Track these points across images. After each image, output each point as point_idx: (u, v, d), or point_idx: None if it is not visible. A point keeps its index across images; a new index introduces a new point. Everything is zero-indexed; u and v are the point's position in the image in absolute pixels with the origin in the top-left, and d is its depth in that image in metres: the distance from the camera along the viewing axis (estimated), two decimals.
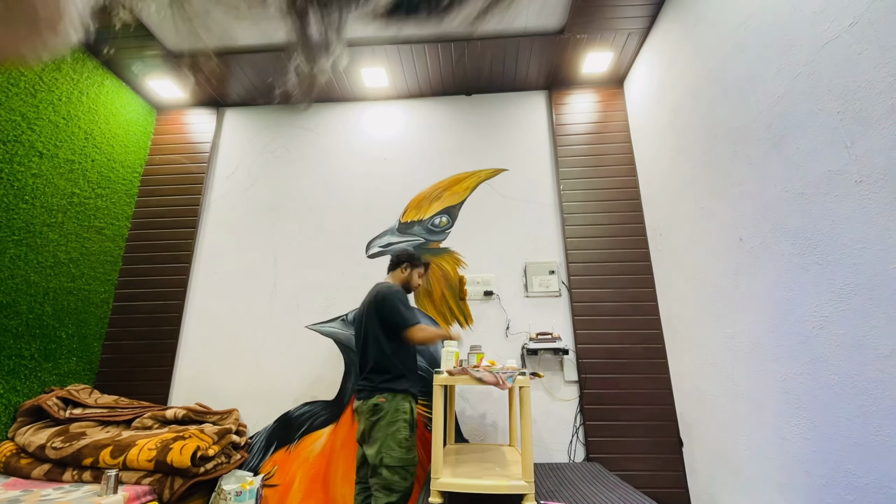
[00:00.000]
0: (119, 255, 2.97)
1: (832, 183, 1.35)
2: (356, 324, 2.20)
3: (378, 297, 2.09)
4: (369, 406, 1.92)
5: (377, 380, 1.96)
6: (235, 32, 2.71)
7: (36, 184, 2.40)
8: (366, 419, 1.92)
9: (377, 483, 1.83)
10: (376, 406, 1.91)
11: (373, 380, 1.97)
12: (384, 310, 2.04)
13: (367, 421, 1.92)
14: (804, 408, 1.49)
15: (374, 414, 1.90)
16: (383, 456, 1.84)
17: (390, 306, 2.03)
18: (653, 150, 2.65)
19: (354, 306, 2.69)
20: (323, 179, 3.14)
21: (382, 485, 1.82)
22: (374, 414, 1.90)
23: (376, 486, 1.83)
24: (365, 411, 1.93)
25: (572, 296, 2.70)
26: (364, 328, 2.09)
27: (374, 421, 1.90)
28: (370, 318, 2.07)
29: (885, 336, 1.20)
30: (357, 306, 2.39)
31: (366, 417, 1.92)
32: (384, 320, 2.03)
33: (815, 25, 1.40)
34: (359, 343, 2.13)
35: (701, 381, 2.17)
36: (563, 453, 2.48)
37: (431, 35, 2.74)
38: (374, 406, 1.91)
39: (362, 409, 1.96)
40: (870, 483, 1.26)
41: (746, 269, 1.79)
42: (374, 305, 2.07)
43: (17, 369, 2.27)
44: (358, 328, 2.17)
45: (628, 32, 2.66)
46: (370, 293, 2.16)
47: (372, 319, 2.06)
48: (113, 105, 2.95)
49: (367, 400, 1.94)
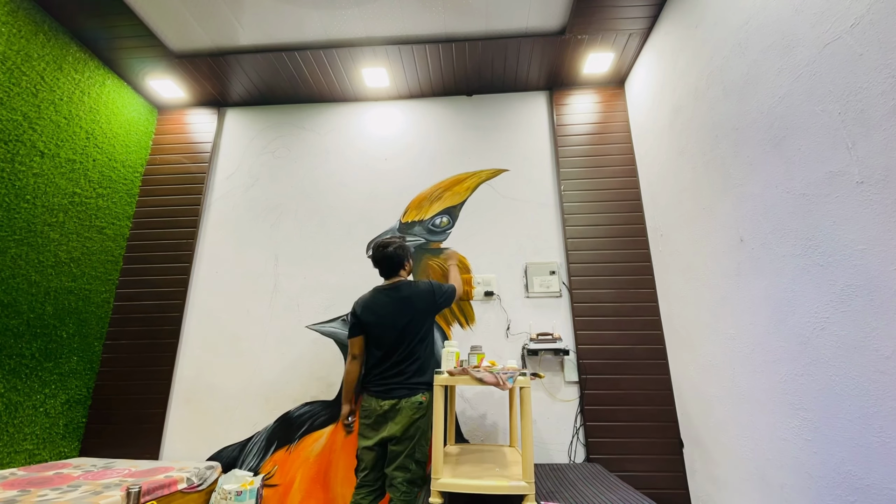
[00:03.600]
0: (120, 254, 2.98)
1: (833, 184, 1.35)
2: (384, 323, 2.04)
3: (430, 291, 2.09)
4: (413, 403, 1.92)
5: (416, 377, 1.98)
6: (237, 32, 2.71)
7: (37, 183, 2.41)
8: (407, 416, 1.90)
9: (405, 477, 1.85)
10: (421, 404, 1.93)
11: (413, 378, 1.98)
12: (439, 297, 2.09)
13: (407, 418, 1.90)
14: (805, 409, 1.49)
15: (418, 411, 1.92)
16: (416, 451, 1.88)
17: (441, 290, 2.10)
18: (654, 151, 2.65)
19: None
20: (324, 180, 3.14)
21: (410, 479, 1.85)
22: (417, 411, 1.92)
23: (403, 479, 1.84)
24: (408, 408, 1.92)
25: (573, 296, 2.70)
26: (405, 327, 2.01)
27: (416, 418, 1.91)
28: (417, 315, 2.04)
29: (886, 337, 1.20)
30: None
31: (408, 415, 1.91)
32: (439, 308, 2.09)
33: (817, 26, 1.40)
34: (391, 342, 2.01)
35: (701, 382, 2.16)
36: (563, 454, 2.48)
37: (433, 35, 2.74)
38: (419, 403, 1.93)
39: (403, 406, 1.92)
40: (871, 484, 1.25)
41: (747, 270, 1.79)
42: (426, 300, 2.06)
43: (17, 368, 2.27)
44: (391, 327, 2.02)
45: (629, 33, 2.66)
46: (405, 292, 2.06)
47: (419, 316, 2.04)
48: (114, 105, 2.95)
49: (409, 398, 1.93)
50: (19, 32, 2.34)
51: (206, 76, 3.03)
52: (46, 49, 2.48)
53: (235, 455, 2.60)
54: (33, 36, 2.41)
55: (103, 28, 2.62)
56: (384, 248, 2.14)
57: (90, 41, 2.72)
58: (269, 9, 2.56)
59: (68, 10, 2.49)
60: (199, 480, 2.30)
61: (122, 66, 2.92)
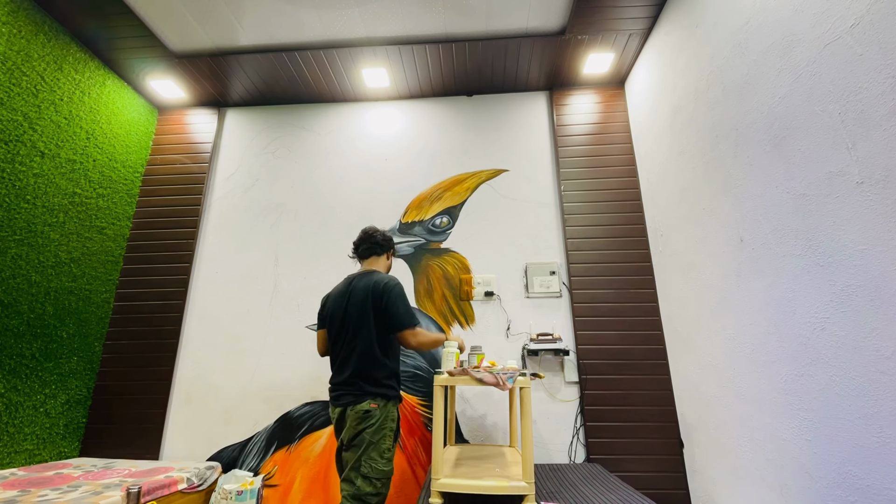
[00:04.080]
0: (120, 254, 2.98)
1: (833, 184, 1.35)
2: (334, 317, 1.88)
3: (378, 287, 1.83)
4: (358, 412, 1.71)
5: (365, 383, 1.76)
6: (238, 32, 2.71)
7: (37, 183, 2.41)
8: (352, 426, 1.72)
9: (349, 491, 1.67)
10: (367, 413, 1.71)
11: (359, 383, 1.76)
12: (385, 304, 1.80)
13: (352, 428, 1.72)
14: (805, 409, 1.49)
15: (363, 421, 1.71)
16: (361, 464, 1.67)
17: (393, 301, 1.81)
18: (654, 151, 2.65)
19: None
20: (324, 180, 3.14)
21: (354, 494, 1.65)
22: (362, 421, 1.71)
23: (347, 494, 1.67)
24: (352, 417, 1.72)
25: (573, 296, 2.70)
26: (350, 322, 1.82)
27: (360, 428, 1.71)
28: (363, 312, 1.81)
29: (886, 338, 1.20)
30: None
31: (352, 424, 1.72)
32: (381, 315, 1.81)
33: (817, 26, 1.40)
34: (341, 338, 1.85)
35: (702, 383, 2.16)
36: (563, 454, 2.48)
37: (433, 35, 2.74)
38: (365, 413, 1.71)
39: (348, 415, 1.74)
40: (871, 485, 1.25)
41: (747, 270, 1.79)
42: (371, 297, 1.81)
43: (17, 368, 2.28)
44: (339, 322, 1.86)
45: (629, 33, 2.66)
46: (361, 282, 1.88)
47: (366, 313, 1.80)
48: (114, 105, 2.95)
49: (354, 406, 1.73)
50: (20, 33, 2.34)
51: (207, 76, 3.03)
52: (47, 49, 2.49)
53: (235, 455, 2.60)
54: (34, 36, 2.42)
55: (103, 28, 2.62)
56: (371, 230, 2.04)
57: (90, 41, 2.72)
58: (269, 9, 2.56)
59: (69, 10, 2.49)
60: (199, 480, 2.30)
61: (123, 66, 2.92)
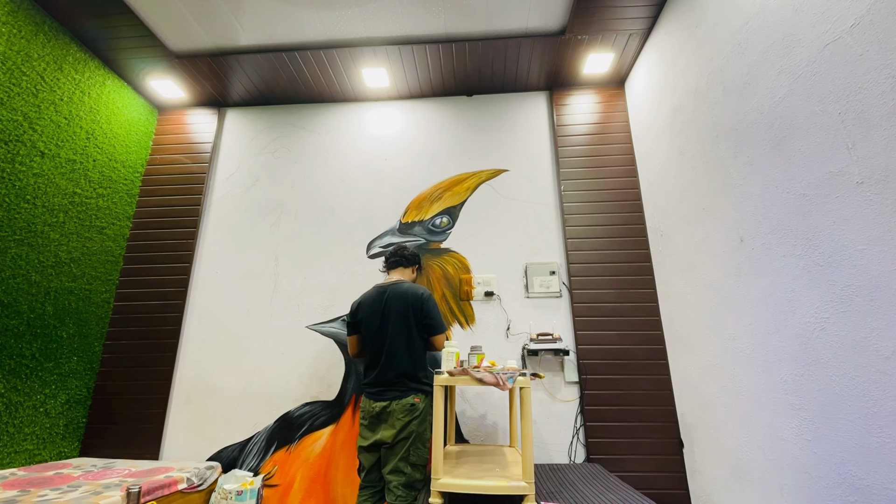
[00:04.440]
0: (120, 254, 2.98)
1: (833, 184, 1.35)
2: (370, 322, 2.06)
3: (421, 298, 2.05)
4: (405, 405, 1.91)
5: (409, 381, 1.96)
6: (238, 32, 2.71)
7: (37, 183, 2.41)
8: (399, 419, 1.90)
9: (400, 480, 1.84)
10: (413, 406, 1.92)
11: (404, 381, 1.96)
12: (426, 311, 2.03)
13: (398, 420, 1.90)
14: (805, 409, 1.49)
15: (410, 413, 1.90)
16: (410, 454, 1.87)
17: (433, 308, 2.05)
18: (654, 151, 2.65)
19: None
20: (324, 180, 3.14)
21: (405, 482, 1.83)
22: (409, 413, 1.90)
23: (398, 483, 1.83)
24: (399, 409, 1.91)
25: (573, 296, 2.70)
26: (390, 327, 2.01)
27: (407, 420, 1.89)
28: (404, 318, 2.01)
29: (886, 338, 1.20)
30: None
31: (399, 417, 1.90)
32: (422, 321, 2.02)
33: (817, 26, 1.40)
34: (380, 341, 2.03)
35: (702, 383, 2.16)
36: (563, 454, 2.48)
37: (433, 35, 2.74)
38: (411, 406, 1.91)
39: (394, 408, 1.92)
40: (871, 485, 1.25)
41: (747, 270, 1.79)
42: (414, 306, 2.02)
43: (17, 368, 2.28)
44: (376, 327, 2.04)
45: (629, 33, 2.66)
46: (396, 291, 2.07)
47: (407, 320, 2.01)
48: (114, 105, 2.95)
49: (401, 399, 1.93)
50: (20, 33, 2.34)
51: (207, 76, 3.03)
52: (47, 49, 2.49)
53: (235, 455, 2.60)
54: (34, 36, 2.42)
55: (103, 28, 2.62)
56: (402, 246, 2.29)
57: (90, 41, 2.72)
58: (269, 9, 2.56)
59: (69, 10, 2.49)
60: (199, 480, 2.30)
61: (123, 66, 2.92)
